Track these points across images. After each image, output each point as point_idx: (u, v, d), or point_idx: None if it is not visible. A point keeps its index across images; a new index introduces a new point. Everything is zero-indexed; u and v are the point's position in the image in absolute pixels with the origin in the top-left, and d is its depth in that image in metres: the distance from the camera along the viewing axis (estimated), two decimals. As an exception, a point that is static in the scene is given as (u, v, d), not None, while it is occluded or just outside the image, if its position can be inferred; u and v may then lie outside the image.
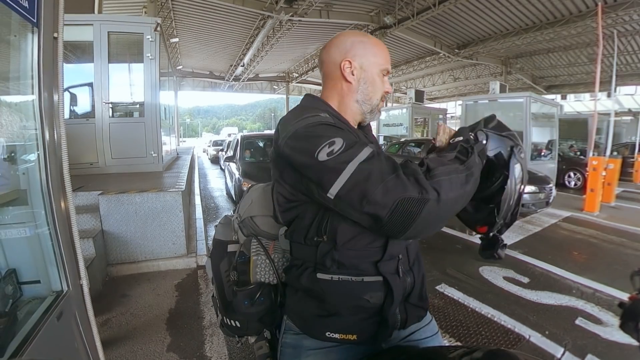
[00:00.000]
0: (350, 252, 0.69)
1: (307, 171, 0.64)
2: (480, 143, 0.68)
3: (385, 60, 0.80)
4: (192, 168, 7.45)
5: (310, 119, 0.67)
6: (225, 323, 0.89)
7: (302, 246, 0.74)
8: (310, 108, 0.74)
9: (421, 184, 0.58)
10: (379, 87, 0.80)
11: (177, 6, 10.28)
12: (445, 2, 8.93)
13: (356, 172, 0.59)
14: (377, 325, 0.72)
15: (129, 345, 1.98)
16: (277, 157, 0.71)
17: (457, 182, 0.60)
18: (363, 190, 0.58)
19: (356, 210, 0.60)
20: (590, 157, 5.73)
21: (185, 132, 52.90)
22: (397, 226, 0.59)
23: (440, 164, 0.62)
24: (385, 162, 0.61)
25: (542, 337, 2.11)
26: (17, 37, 0.89)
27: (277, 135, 0.71)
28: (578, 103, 20.01)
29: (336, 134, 0.64)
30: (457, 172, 0.61)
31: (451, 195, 0.59)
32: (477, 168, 0.65)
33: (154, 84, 4.44)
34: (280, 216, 0.76)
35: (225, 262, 0.93)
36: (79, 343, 1.10)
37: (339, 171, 0.60)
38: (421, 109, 11.10)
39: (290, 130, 0.67)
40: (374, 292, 0.70)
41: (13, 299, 1.05)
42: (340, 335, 0.71)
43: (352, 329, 0.71)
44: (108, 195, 2.91)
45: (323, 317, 0.72)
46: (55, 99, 0.96)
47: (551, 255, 3.51)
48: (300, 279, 0.73)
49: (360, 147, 0.62)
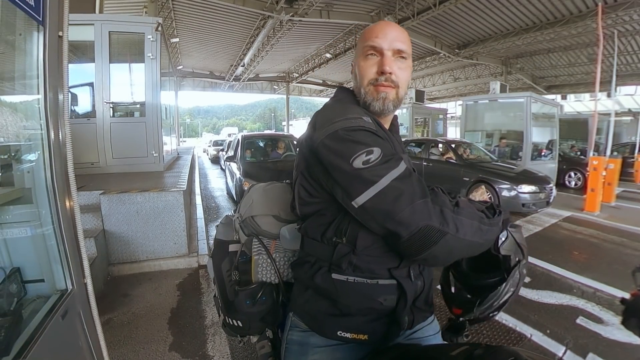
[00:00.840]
0: (368, 257, 0.69)
1: (337, 174, 0.63)
2: (506, 213, 0.73)
3: (368, 37, 0.73)
4: (192, 168, 7.45)
5: (353, 122, 0.66)
6: (227, 323, 0.90)
7: (318, 244, 0.73)
8: (351, 107, 0.72)
9: (445, 215, 0.60)
10: (363, 69, 0.73)
11: (178, 6, 10.28)
12: (446, 2, 8.94)
13: (387, 188, 0.59)
14: (387, 326, 0.72)
15: (131, 344, 1.99)
16: (309, 152, 0.69)
17: (477, 229, 0.64)
18: (390, 208, 0.59)
19: (377, 224, 0.61)
20: (591, 157, 5.74)
21: (186, 132, 52.87)
22: (413, 249, 0.61)
23: (469, 207, 0.65)
24: (417, 185, 0.61)
25: (544, 336, 2.11)
26: (23, 35, 0.89)
27: (313, 129, 0.69)
28: (578, 103, 20.02)
29: (375, 143, 0.64)
30: (480, 221, 0.65)
31: (467, 237, 0.62)
32: (495, 230, 0.69)
33: (155, 84, 4.44)
34: (299, 209, 0.76)
35: (227, 261, 0.93)
36: (84, 342, 1.11)
37: (370, 183, 0.60)
38: (421, 109, 11.10)
39: (330, 129, 0.65)
40: (388, 294, 0.70)
41: (17, 297, 1.05)
42: (352, 334, 0.72)
43: (363, 329, 0.72)
44: (109, 195, 2.91)
45: (335, 316, 0.72)
46: (60, 98, 0.96)
47: (552, 255, 3.52)
48: (314, 278, 0.73)
49: (396, 162, 0.62)
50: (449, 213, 0.60)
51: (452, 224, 0.60)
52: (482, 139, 8.24)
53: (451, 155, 6.08)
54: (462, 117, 8.03)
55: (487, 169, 5.60)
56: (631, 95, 17.21)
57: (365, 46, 0.73)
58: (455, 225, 0.60)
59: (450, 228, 0.59)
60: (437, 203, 0.61)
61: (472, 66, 16.75)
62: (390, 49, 0.71)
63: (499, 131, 7.69)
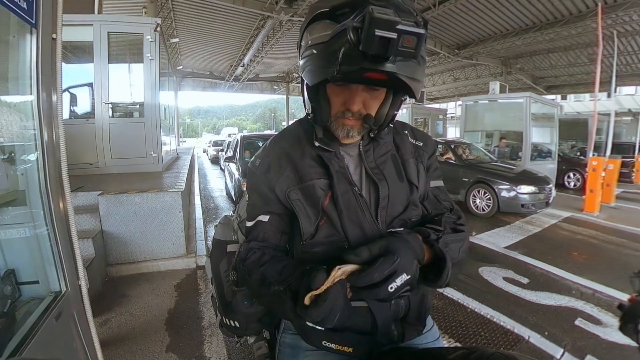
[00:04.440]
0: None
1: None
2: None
3: None
4: (192, 168, 7.45)
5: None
6: (224, 323, 0.89)
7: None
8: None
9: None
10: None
11: (177, 6, 10.29)
12: (445, 3, 8.95)
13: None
14: (373, 341, 0.71)
15: (128, 345, 1.98)
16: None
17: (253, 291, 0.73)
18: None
19: None
20: (590, 157, 5.73)
21: (186, 132, 52.93)
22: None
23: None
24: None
25: (542, 337, 2.11)
26: (16, 37, 0.89)
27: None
28: (578, 103, 20.01)
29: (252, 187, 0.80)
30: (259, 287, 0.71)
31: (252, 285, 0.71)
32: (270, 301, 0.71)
33: (153, 84, 4.44)
34: None
35: (225, 262, 0.93)
36: (78, 343, 1.10)
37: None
38: (421, 109, 11.10)
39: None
40: (360, 317, 0.69)
41: (12, 299, 1.05)
42: (336, 346, 0.71)
43: (348, 342, 0.71)
44: (108, 196, 2.91)
45: (318, 329, 0.71)
46: (53, 99, 0.96)
47: (551, 256, 3.51)
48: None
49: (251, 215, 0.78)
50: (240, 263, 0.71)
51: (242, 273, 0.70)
52: (482, 140, 8.23)
53: (450, 155, 6.07)
54: (461, 117, 8.02)
55: (486, 169, 5.60)
56: (631, 95, 17.21)
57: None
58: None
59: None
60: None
61: (472, 66, 16.75)
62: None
63: (499, 131, 7.69)
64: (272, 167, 0.72)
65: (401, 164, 0.74)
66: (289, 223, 0.74)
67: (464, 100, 8.05)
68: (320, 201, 0.68)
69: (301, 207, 0.69)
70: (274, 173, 0.71)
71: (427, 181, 0.78)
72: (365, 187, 0.71)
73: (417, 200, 0.74)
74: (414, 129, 0.83)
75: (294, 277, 0.60)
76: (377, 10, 0.47)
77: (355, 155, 0.73)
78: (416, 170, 0.75)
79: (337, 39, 0.51)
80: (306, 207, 0.69)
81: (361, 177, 0.71)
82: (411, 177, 0.73)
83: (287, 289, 0.59)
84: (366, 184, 0.71)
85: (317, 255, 0.69)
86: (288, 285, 0.60)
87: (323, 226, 0.68)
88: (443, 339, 2.09)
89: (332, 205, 0.68)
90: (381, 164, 0.72)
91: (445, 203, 0.78)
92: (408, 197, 0.72)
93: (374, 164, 0.72)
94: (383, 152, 0.73)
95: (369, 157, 0.72)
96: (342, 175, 0.69)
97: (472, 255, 3.51)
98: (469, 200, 5.46)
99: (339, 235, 0.68)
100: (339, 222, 0.67)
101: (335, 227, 0.68)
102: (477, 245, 3.88)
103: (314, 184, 0.69)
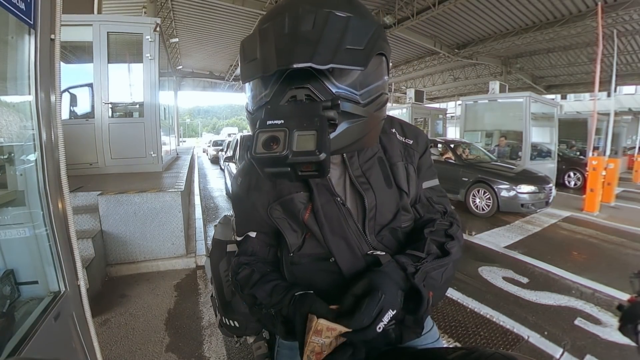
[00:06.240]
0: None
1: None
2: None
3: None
4: (191, 168, 7.45)
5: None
6: (224, 323, 0.90)
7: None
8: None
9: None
10: None
11: (177, 6, 10.28)
12: (445, 2, 8.93)
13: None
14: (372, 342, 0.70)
15: (127, 345, 1.99)
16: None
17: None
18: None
19: None
20: (590, 157, 5.73)
21: (186, 132, 52.84)
22: None
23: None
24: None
25: (541, 337, 2.11)
26: (14, 38, 0.89)
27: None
28: (578, 103, 20.01)
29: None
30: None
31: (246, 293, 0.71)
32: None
33: (153, 84, 4.44)
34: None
35: (225, 262, 0.93)
36: (77, 343, 1.11)
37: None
38: (421, 109, 11.08)
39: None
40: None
41: (11, 299, 1.05)
42: None
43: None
44: (107, 196, 2.91)
45: None
46: (52, 100, 0.96)
47: (550, 256, 3.51)
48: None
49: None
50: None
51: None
52: (482, 139, 8.23)
53: (450, 155, 6.08)
54: (461, 117, 8.02)
55: (486, 169, 5.59)
56: (631, 95, 17.20)
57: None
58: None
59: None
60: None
61: (472, 66, 16.73)
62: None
63: (499, 131, 7.69)
64: (252, 184, 0.71)
65: (389, 167, 0.69)
66: (275, 237, 0.74)
67: (464, 100, 8.05)
68: (300, 215, 0.65)
69: (284, 222, 0.67)
70: (255, 190, 0.70)
71: (419, 183, 0.73)
72: (351, 196, 0.67)
73: (408, 205, 0.71)
74: (404, 124, 0.78)
75: (283, 304, 0.60)
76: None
77: (338, 162, 0.67)
78: (406, 173, 0.70)
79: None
80: (290, 222, 0.67)
81: (345, 187, 0.67)
82: (400, 182, 0.69)
83: (278, 313, 0.60)
84: (351, 193, 0.67)
85: (305, 268, 0.68)
86: (279, 310, 0.60)
87: (309, 239, 0.67)
88: (442, 338, 2.10)
89: (312, 219, 0.65)
90: (367, 170, 0.68)
91: (438, 206, 0.74)
92: (397, 204, 0.68)
93: (359, 170, 0.67)
94: (369, 157, 0.68)
95: (353, 164, 0.67)
96: (323, 187, 0.65)
97: (471, 255, 3.51)
98: (469, 200, 5.46)
99: (323, 249, 0.66)
100: (322, 237, 0.65)
101: (319, 241, 0.66)
102: (476, 245, 3.89)
103: (293, 198, 0.66)
